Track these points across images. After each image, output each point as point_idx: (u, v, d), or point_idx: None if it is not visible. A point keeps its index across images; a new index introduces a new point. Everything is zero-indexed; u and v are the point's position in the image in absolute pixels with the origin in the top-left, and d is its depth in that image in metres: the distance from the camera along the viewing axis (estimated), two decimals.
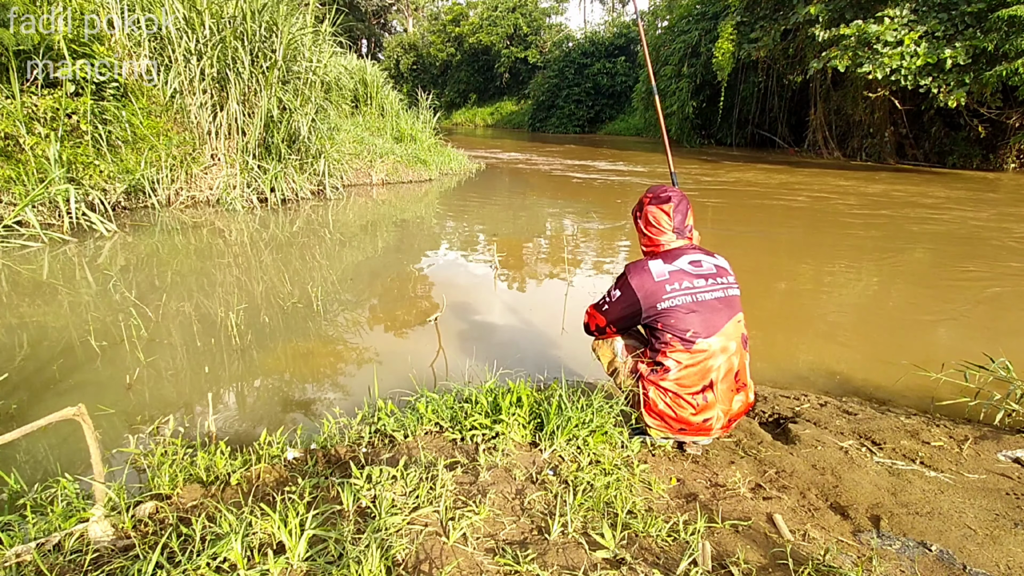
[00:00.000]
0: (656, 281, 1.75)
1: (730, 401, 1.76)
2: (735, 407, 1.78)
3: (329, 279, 4.05)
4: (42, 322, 3.04)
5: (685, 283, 1.74)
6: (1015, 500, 1.63)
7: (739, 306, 1.80)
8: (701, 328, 1.71)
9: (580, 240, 5.63)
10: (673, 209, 1.83)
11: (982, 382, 2.32)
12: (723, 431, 1.83)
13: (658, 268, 1.77)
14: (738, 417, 1.83)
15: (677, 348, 1.72)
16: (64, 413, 1.38)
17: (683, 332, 1.71)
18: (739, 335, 1.76)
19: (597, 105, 29.93)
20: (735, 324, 1.76)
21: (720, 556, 1.33)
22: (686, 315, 1.71)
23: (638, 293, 1.76)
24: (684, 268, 1.76)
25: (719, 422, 1.76)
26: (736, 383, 1.77)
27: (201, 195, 6.25)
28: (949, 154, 14.17)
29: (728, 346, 1.73)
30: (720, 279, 1.78)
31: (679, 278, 1.74)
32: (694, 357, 1.71)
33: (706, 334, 1.71)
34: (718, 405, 1.74)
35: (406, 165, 9.39)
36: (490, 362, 2.69)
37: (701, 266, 1.78)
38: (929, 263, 5.02)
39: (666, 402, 1.75)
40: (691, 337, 1.70)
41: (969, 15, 10.41)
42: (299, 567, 1.21)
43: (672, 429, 1.78)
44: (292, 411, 2.32)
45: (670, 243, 1.86)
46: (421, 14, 45.81)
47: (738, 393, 1.78)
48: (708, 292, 1.74)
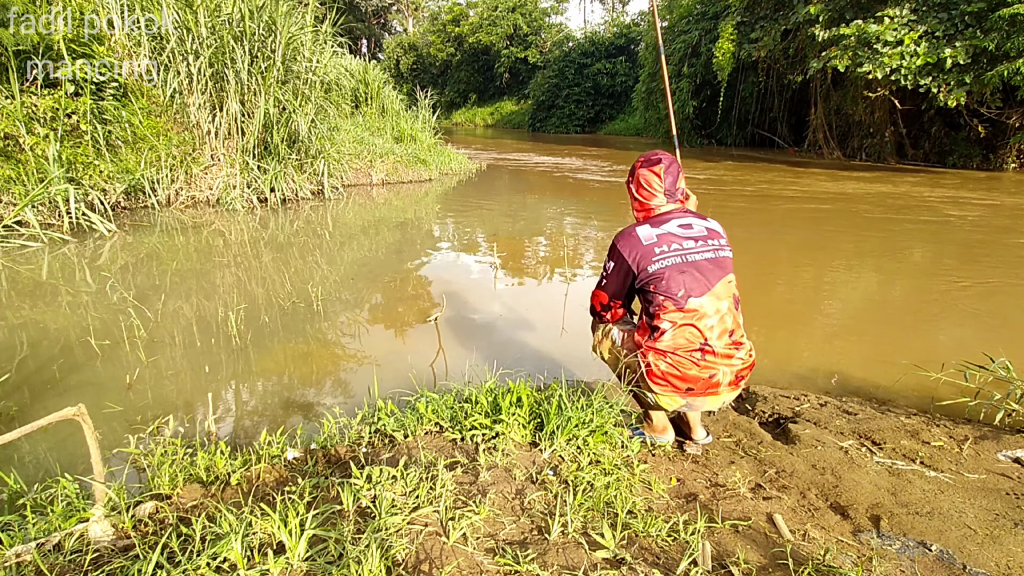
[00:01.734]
0: (645, 245, 1.76)
1: (730, 358, 1.74)
2: (737, 364, 1.76)
3: (329, 279, 4.05)
4: (42, 322, 3.04)
5: (674, 245, 1.75)
6: (1015, 500, 1.64)
7: (730, 268, 1.80)
8: (692, 288, 1.71)
9: (580, 240, 5.63)
10: (664, 171, 1.84)
11: (982, 382, 2.32)
12: (732, 389, 1.78)
13: (645, 232, 1.79)
14: (744, 375, 1.79)
15: (670, 309, 1.72)
16: (64, 413, 1.38)
17: (674, 292, 1.71)
18: (730, 295, 1.76)
19: (597, 105, 29.93)
20: (725, 284, 1.76)
21: (720, 556, 1.33)
22: (677, 275, 1.72)
23: (628, 259, 1.77)
24: (672, 231, 1.77)
25: (726, 378, 1.74)
26: (732, 341, 1.75)
27: (201, 195, 6.25)
28: (949, 154, 14.16)
29: (720, 306, 1.73)
30: (711, 240, 1.79)
31: (667, 240, 1.76)
32: (687, 317, 1.71)
33: (697, 293, 1.71)
34: (719, 362, 1.73)
35: (406, 165, 9.39)
36: (490, 362, 2.69)
37: (691, 228, 1.79)
38: (929, 263, 5.02)
39: (667, 363, 1.73)
40: (682, 297, 1.71)
41: (969, 15, 10.41)
42: (299, 567, 1.21)
43: (680, 391, 1.75)
44: (292, 411, 2.32)
45: (661, 207, 1.86)
46: (421, 14, 45.81)
47: (738, 350, 1.76)
48: (698, 253, 1.75)
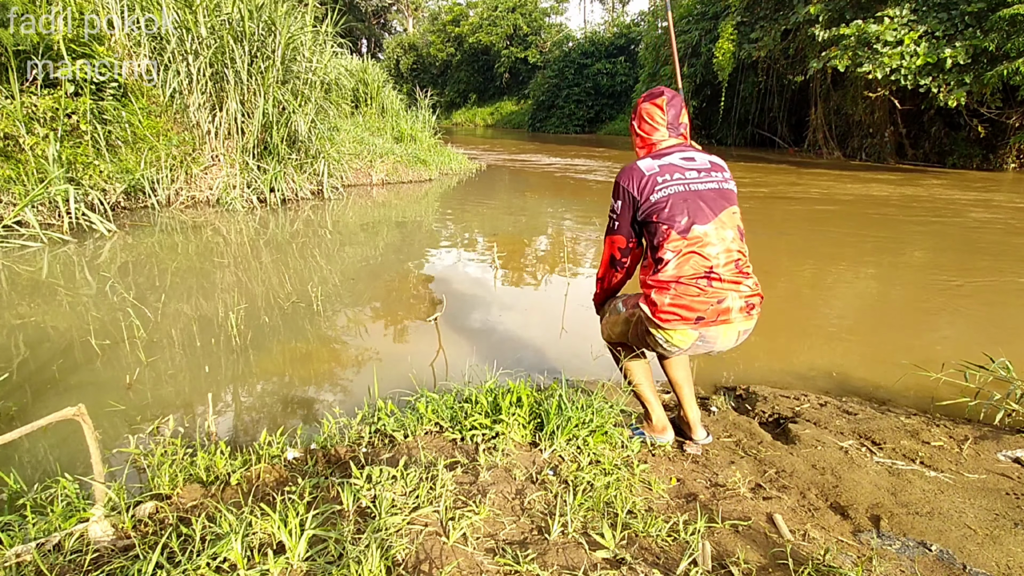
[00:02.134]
0: (647, 175, 1.73)
1: (738, 284, 1.69)
2: (746, 291, 1.70)
3: (329, 279, 4.05)
4: (42, 322, 3.04)
5: (677, 175, 1.72)
6: (1015, 500, 1.64)
7: (735, 200, 1.76)
8: (695, 216, 1.68)
9: (580, 240, 5.63)
10: (667, 103, 1.81)
11: (982, 382, 2.32)
12: (746, 318, 1.72)
13: (647, 164, 1.76)
14: (755, 304, 1.73)
15: (673, 238, 1.68)
16: (64, 413, 1.38)
17: (678, 220, 1.68)
18: (735, 226, 1.72)
19: (597, 105, 29.94)
20: (730, 214, 1.72)
21: (720, 556, 1.33)
22: (680, 203, 1.69)
23: (632, 191, 1.74)
24: (674, 162, 1.74)
25: (736, 304, 1.68)
26: (739, 270, 1.70)
27: (201, 195, 6.25)
28: (949, 154, 14.17)
29: (725, 235, 1.69)
30: (714, 173, 1.76)
31: (670, 170, 1.73)
32: (691, 245, 1.67)
33: (701, 221, 1.68)
34: (727, 288, 1.67)
35: (406, 165, 9.39)
36: (490, 362, 2.69)
37: (694, 161, 1.76)
38: (929, 263, 5.02)
39: (672, 294, 1.67)
40: (686, 225, 1.67)
41: (969, 15, 10.41)
42: (299, 567, 1.21)
43: (689, 321, 1.68)
44: (292, 411, 2.32)
45: (663, 141, 1.83)
46: (421, 14, 45.82)
47: (745, 278, 1.71)
48: (701, 183, 1.72)
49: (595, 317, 3.56)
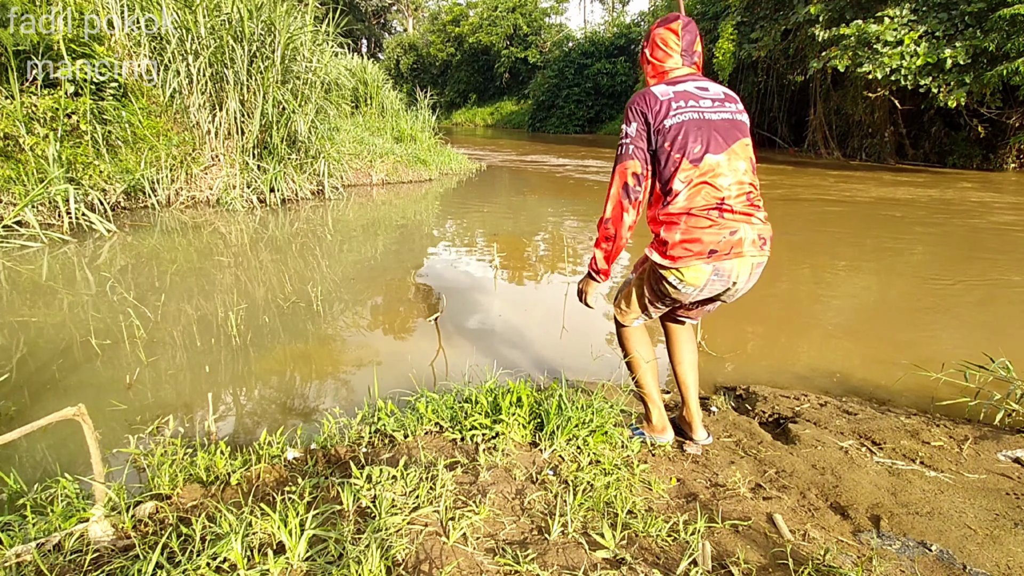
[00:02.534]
0: (661, 100, 1.66)
1: (750, 216, 1.65)
2: (757, 224, 1.66)
3: (329, 279, 4.05)
4: (42, 322, 3.04)
5: (691, 102, 1.66)
6: (1015, 500, 1.63)
7: (748, 132, 1.71)
8: (709, 145, 1.63)
9: (580, 240, 5.63)
10: (682, 28, 1.75)
11: (982, 382, 2.32)
12: (760, 251, 1.67)
13: (661, 89, 1.69)
14: (767, 236, 1.68)
15: (685, 167, 1.62)
16: (64, 413, 1.38)
17: (691, 148, 1.62)
18: (747, 157, 1.68)
19: (597, 105, 29.95)
20: (743, 146, 1.68)
21: (720, 556, 1.33)
22: (694, 130, 1.63)
23: (647, 114, 1.67)
24: (689, 90, 1.69)
25: (748, 236, 1.63)
26: (750, 202, 1.66)
27: (201, 195, 6.25)
28: (949, 154, 14.17)
29: (737, 166, 1.65)
30: (728, 104, 1.71)
31: (684, 97, 1.67)
32: (703, 175, 1.62)
33: (714, 150, 1.63)
34: (739, 219, 1.63)
35: (406, 165, 9.39)
36: (490, 362, 2.69)
37: (708, 90, 1.71)
38: (929, 263, 5.02)
39: (683, 228, 1.61)
40: (699, 154, 1.62)
41: (969, 15, 10.41)
42: (299, 567, 1.21)
43: (702, 256, 1.61)
44: (292, 411, 2.32)
45: (677, 68, 1.77)
46: (421, 14, 45.83)
47: (757, 211, 1.67)
48: (715, 113, 1.67)
49: (596, 318, 3.56)
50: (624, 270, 4.50)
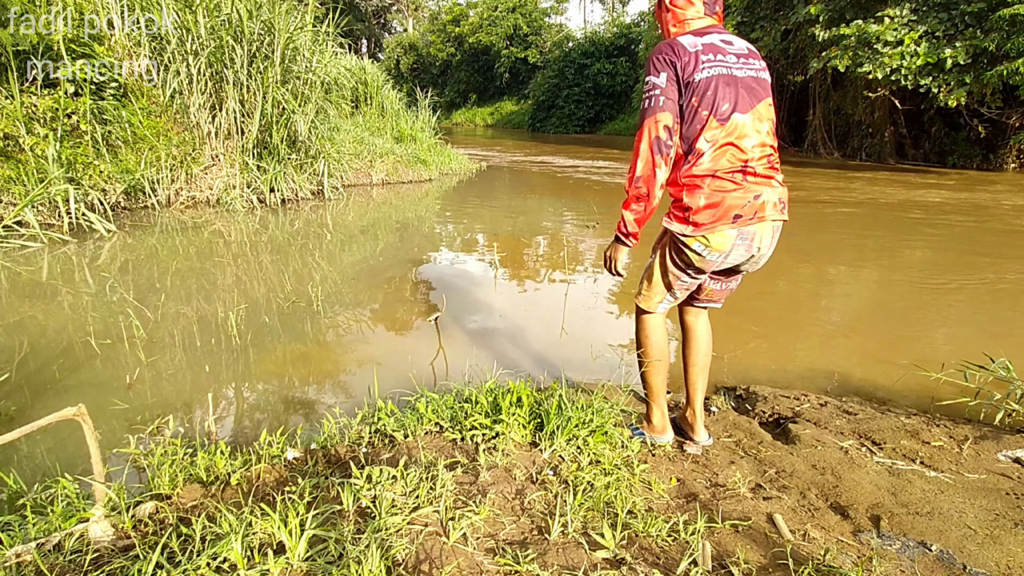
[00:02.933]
0: (690, 51, 1.56)
1: (771, 179, 1.62)
2: (777, 186, 1.63)
3: (329, 279, 4.05)
4: (42, 322, 3.04)
5: (719, 56, 1.58)
6: (1015, 500, 1.63)
7: (770, 91, 1.66)
8: (736, 103, 1.56)
9: (580, 240, 5.63)
10: None
11: (982, 382, 2.31)
12: (780, 214, 1.65)
13: (689, 40, 1.59)
14: (785, 199, 1.67)
15: (712, 126, 1.55)
16: (64, 413, 1.38)
17: (719, 105, 1.54)
18: (770, 118, 1.63)
19: (597, 105, 29.96)
20: (767, 106, 1.62)
21: (720, 556, 1.33)
22: (723, 87, 1.55)
23: (676, 64, 1.55)
24: (715, 43, 1.60)
25: (771, 199, 1.60)
26: (771, 164, 1.62)
27: (201, 195, 6.25)
28: (949, 154, 14.18)
29: (761, 127, 1.59)
30: (752, 60, 1.63)
31: (712, 50, 1.58)
32: (728, 135, 1.56)
33: (741, 109, 1.56)
34: (762, 183, 1.59)
35: (406, 165, 9.39)
36: (490, 362, 2.69)
37: (732, 44, 1.63)
38: (929, 263, 5.02)
39: (707, 192, 1.56)
40: (727, 112, 1.55)
41: (969, 15, 10.42)
42: (299, 567, 1.21)
43: (727, 220, 1.57)
44: (292, 411, 2.32)
45: (698, 17, 1.66)
46: (421, 14, 45.85)
47: (776, 173, 1.64)
48: (740, 70, 1.59)
49: (596, 318, 3.56)
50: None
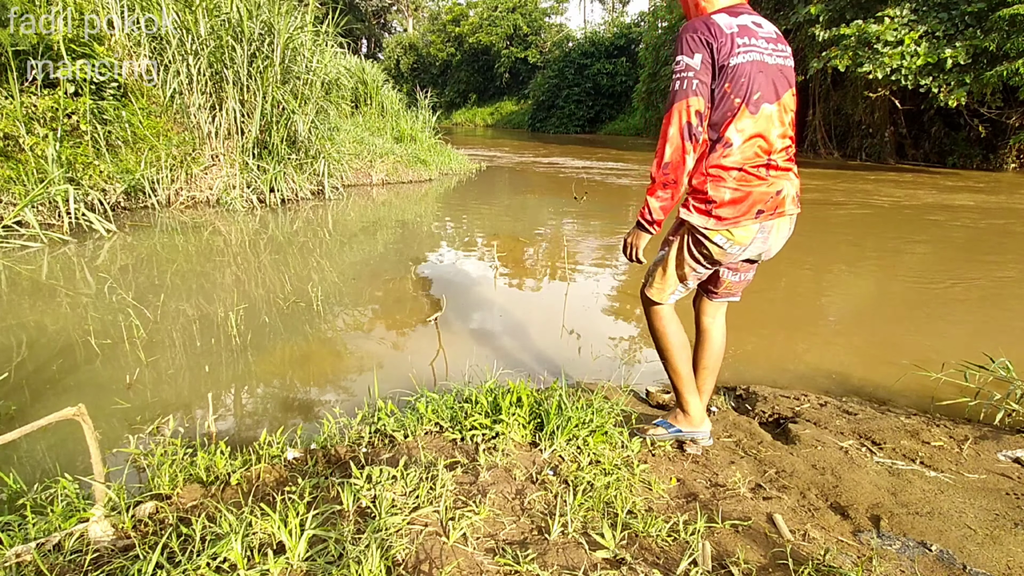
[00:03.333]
0: (726, 33, 1.47)
1: (789, 171, 1.59)
2: (794, 179, 1.61)
3: (329, 279, 4.05)
4: (41, 322, 3.04)
5: (752, 40, 1.50)
6: (1015, 500, 1.63)
7: (794, 80, 1.61)
8: (767, 92, 1.50)
9: (580, 240, 5.63)
10: None
11: (982, 382, 2.32)
12: (796, 205, 1.64)
13: (725, 20, 1.50)
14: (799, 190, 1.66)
15: (744, 116, 1.49)
16: (64, 413, 1.38)
17: (752, 93, 1.48)
18: (792, 109, 1.59)
19: (597, 105, 29.97)
20: (791, 96, 1.57)
21: (720, 556, 1.33)
22: (757, 74, 1.48)
23: (712, 45, 1.46)
24: (748, 25, 1.52)
25: (790, 193, 1.59)
26: (789, 158, 1.59)
27: (201, 195, 6.25)
28: (949, 154, 14.18)
29: (784, 118, 1.55)
30: (780, 45, 1.57)
31: (747, 33, 1.50)
32: (757, 125, 1.50)
33: (770, 100, 1.51)
34: (782, 177, 1.57)
35: (406, 165, 9.39)
36: (490, 362, 2.69)
37: (762, 28, 1.56)
38: (929, 263, 5.02)
39: (732, 185, 1.52)
40: (758, 101, 1.49)
41: (969, 15, 10.42)
42: (299, 567, 1.21)
43: (750, 214, 1.54)
44: (292, 411, 2.32)
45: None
46: (421, 14, 45.85)
47: (793, 165, 1.61)
48: (771, 56, 1.53)
49: (596, 317, 3.56)
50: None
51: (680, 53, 1.48)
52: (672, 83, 1.51)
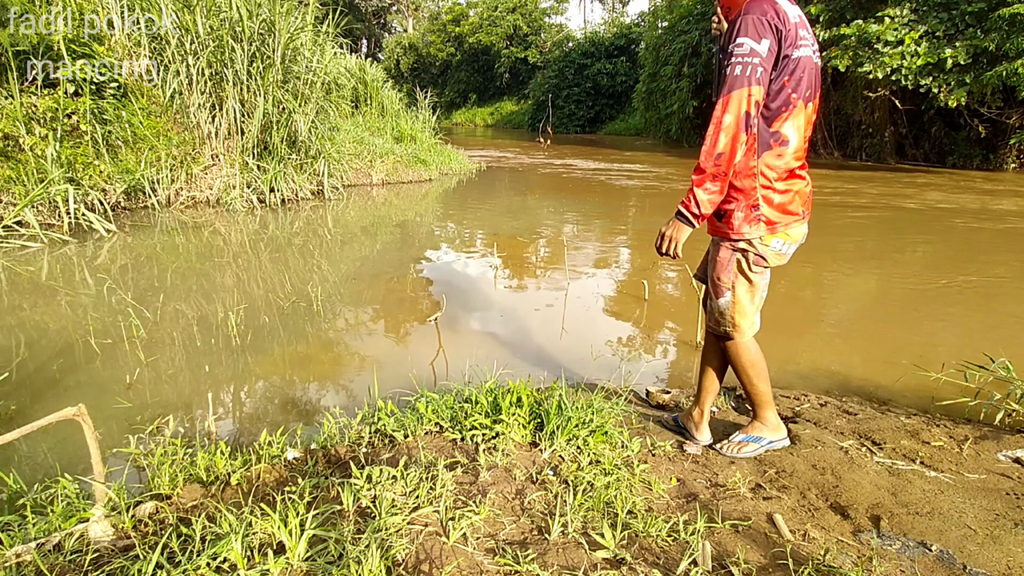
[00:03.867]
0: (791, 22, 1.37)
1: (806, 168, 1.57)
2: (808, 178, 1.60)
3: (329, 279, 4.05)
4: (42, 322, 3.04)
5: (804, 32, 1.42)
6: (1015, 500, 1.63)
7: None
8: (814, 89, 1.45)
9: (580, 240, 5.63)
10: None
11: (982, 382, 2.31)
12: None
13: (789, 7, 1.39)
14: None
15: (798, 112, 1.42)
16: (64, 413, 1.38)
17: (805, 89, 1.41)
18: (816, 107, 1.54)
19: (597, 105, 29.95)
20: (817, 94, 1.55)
21: (720, 556, 1.33)
22: (811, 70, 1.42)
23: (781, 31, 1.35)
24: (803, 16, 1.45)
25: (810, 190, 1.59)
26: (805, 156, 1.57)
27: (201, 195, 6.25)
28: (949, 154, 14.17)
29: (812, 117, 1.50)
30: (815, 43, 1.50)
31: (803, 25, 1.42)
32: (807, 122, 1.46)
33: (813, 97, 1.46)
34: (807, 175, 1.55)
35: (406, 165, 9.39)
36: (490, 362, 2.69)
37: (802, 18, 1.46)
38: (930, 263, 5.02)
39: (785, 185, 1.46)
40: (808, 97, 1.43)
41: (969, 15, 10.41)
42: (299, 567, 1.21)
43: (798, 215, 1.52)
44: (292, 411, 2.32)
45: None
46: (421, 14, 45.85)
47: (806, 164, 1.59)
48: (815, 54, 1.46)
49: (596, 319, 3.56)
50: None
51: (745, 35, 1.35)
52: (732, 66, 1.37)
